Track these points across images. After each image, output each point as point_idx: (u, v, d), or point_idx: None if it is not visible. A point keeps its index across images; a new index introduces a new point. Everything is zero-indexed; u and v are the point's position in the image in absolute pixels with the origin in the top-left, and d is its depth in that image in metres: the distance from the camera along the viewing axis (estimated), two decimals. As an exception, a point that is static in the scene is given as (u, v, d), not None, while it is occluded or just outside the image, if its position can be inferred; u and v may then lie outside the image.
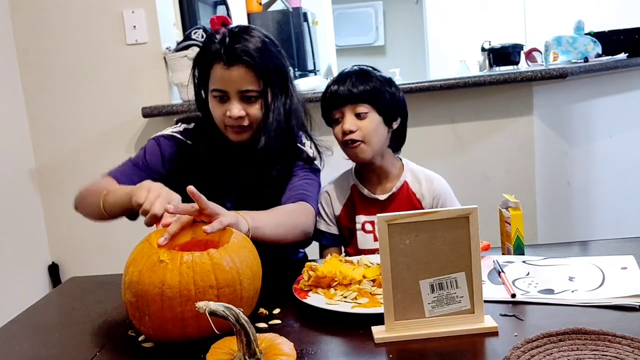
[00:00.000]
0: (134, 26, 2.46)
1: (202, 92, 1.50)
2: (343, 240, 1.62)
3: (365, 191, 1.57)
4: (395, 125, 1.55)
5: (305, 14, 4.23)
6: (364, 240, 1.56)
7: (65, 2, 2.48)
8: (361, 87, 1.49)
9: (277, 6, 4.26)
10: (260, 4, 4.17)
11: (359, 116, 1.49)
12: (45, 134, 2.56)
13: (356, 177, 1.60)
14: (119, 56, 2.48)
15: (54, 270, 2.63)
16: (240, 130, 1.44)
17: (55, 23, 2.49)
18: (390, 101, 1.53)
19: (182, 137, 1.54)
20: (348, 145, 1.51)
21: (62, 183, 2.57)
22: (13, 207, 2.45)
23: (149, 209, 1.15)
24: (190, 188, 1.10)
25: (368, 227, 1.56)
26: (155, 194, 1.18)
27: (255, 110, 1.42)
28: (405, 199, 1.56)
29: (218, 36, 1.43)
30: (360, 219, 1.57)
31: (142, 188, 1.21)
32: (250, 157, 1.47)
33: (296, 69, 3.82)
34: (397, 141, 1.60)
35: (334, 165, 1.63)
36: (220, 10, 3.34)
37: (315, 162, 1.56)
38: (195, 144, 1.52)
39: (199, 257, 0.98)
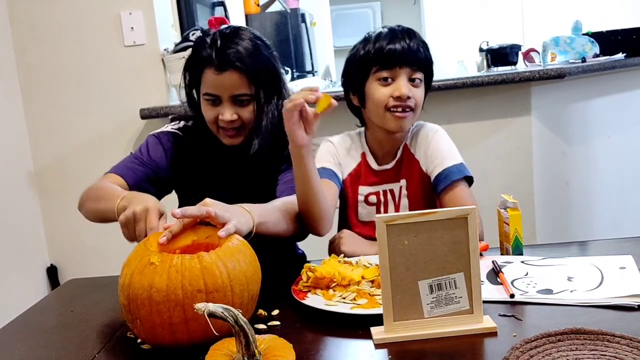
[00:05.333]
0: (132, 28, 2.46)
1: (195, 94, 1.49)
2: (343, 205, 1.55)
3: (375, 165, 1.51)
4: None
5: (303, 15, 4.23)
6: (365, 212, 1.51)
7: (63, 3, 2.48)
8: (421, 55, 1.41)
9: (275, 7, 4.27)
10: (258, 5, 4.17)
11: (412, 82, 1.42)
12: (44, 135, 2.56)
13: (367, 145, 1.53)
14: (117, 58, 2.49)
15: (52, 273, 2.63)
16: (233, 134, 1.44)
17: (53, 24, 2.49)
18: (432, 74, 1.48)
19: (180, 134, 1.55)
20: (396, 111, 1.41)
21: (61, 185, 2.57)
22: (11, 209, 2.45)
23: (140, 220, 1.14)
24: (209, 212, 1.07)
25: (372, 199, 1.51)
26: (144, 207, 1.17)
27: (248, 113, 1.42)
28: (409, 164, 1.50)
29: (208, 39, 1.41)
30: (364, 190, 1.52)
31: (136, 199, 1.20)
32: (243, 158, 1.47)
33: (294, 70, 3.82)
34: None
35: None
36: (218, 12, 3.34)
37: None
38: (193, 141, 1.52)
39: (188, 260, 0.96)
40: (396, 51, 1.40)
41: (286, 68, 2.82)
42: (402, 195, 1.51)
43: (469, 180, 1.49)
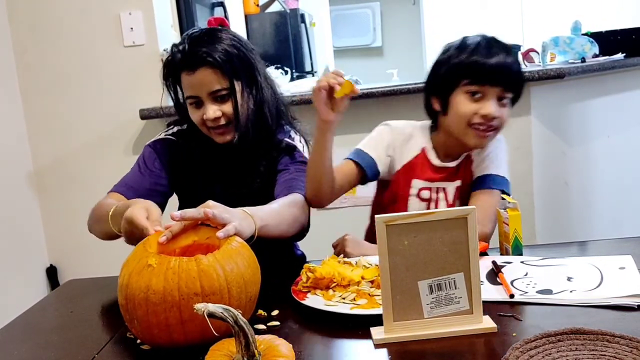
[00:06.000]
0: (132, 28, 2.45)
1: (182, 101, 1.50)
2: (392, 198, 1.51)
3: (437, 161, 1.47)
4: None
5: (302, 15, 4.23)
6: (416, 208, 1.47)
7: (62, 3, 2.48)
8: (514, 74, 1.37)
9: (275, 7, 4.26)
10: (258, 5, 4.17)
11: (500, 100, 1.37)
12: (43, 136, 2.56)
13: (431, 142, 1.48)
14: (117, 58, 2.48)
15: (52, 273, 2.63)
16: (223, 131, 1.45)
17: (53, 25, 2.49)
18: (521, 95, 1.44)
19: (174, 139, 1.56)
20: (479, 129, 1.38)
21: (60, 185, 2.57)
22: (11, 209, 2.45)
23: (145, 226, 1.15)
24: (207, 213, 1.07)
25: (424, 194, 1.47)
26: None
27: (230, 107, 1.42)
28: (467, 166, 1.48)
29: (178, 46, 1.43)
30: (417, 183, 1.48)
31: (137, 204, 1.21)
32: (235, 155, 1.48)
33: (294, 70, 3.82)
34: None
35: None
36: (218, 12, 3.34)
37: (302, 151, 1.52)
38: (187, 144, 1.53)
39: (185, 263, 0.96)
40: (491, 67, 1.35)
41: (285, 68, 2.82)
42: (454, 196, 1.48)
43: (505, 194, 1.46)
